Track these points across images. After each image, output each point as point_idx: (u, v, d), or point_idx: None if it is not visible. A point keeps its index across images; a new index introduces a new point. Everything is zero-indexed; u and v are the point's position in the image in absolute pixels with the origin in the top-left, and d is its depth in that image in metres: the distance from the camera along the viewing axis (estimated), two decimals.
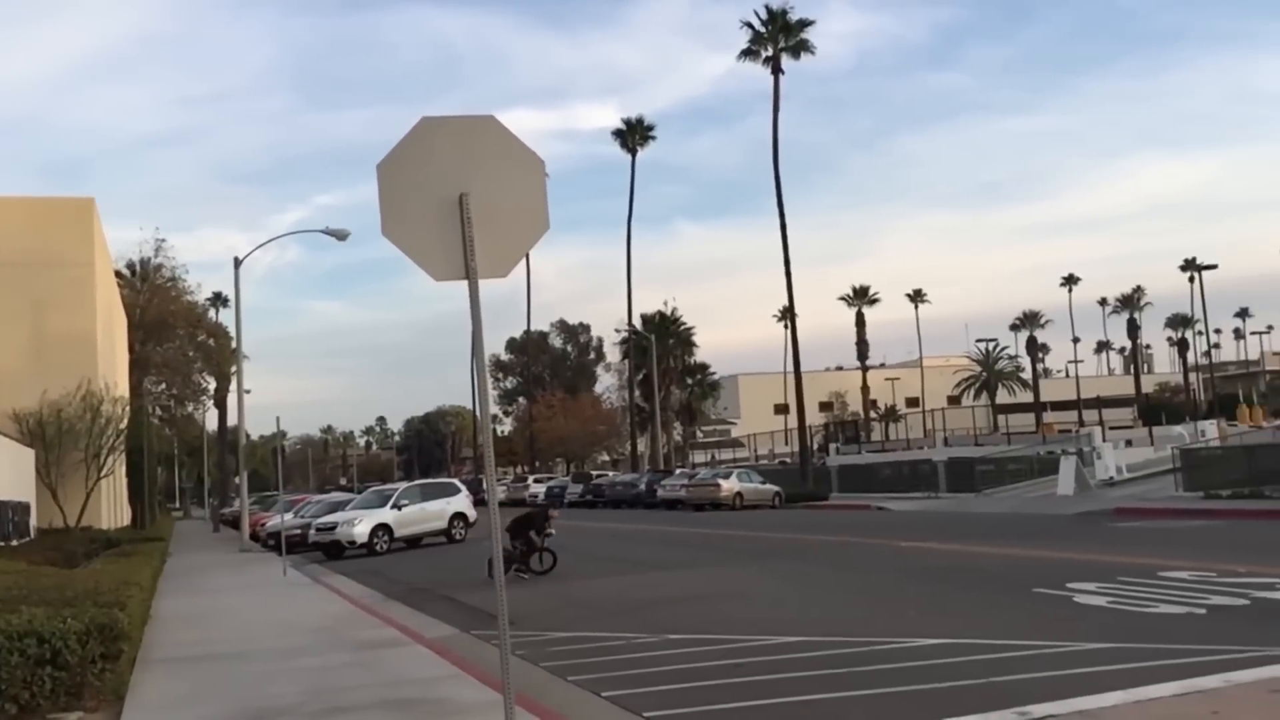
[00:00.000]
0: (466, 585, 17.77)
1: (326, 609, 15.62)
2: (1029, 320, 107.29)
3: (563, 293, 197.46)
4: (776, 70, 53.40)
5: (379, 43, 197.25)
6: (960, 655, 9.18)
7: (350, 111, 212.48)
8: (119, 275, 51.97)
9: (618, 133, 72.10)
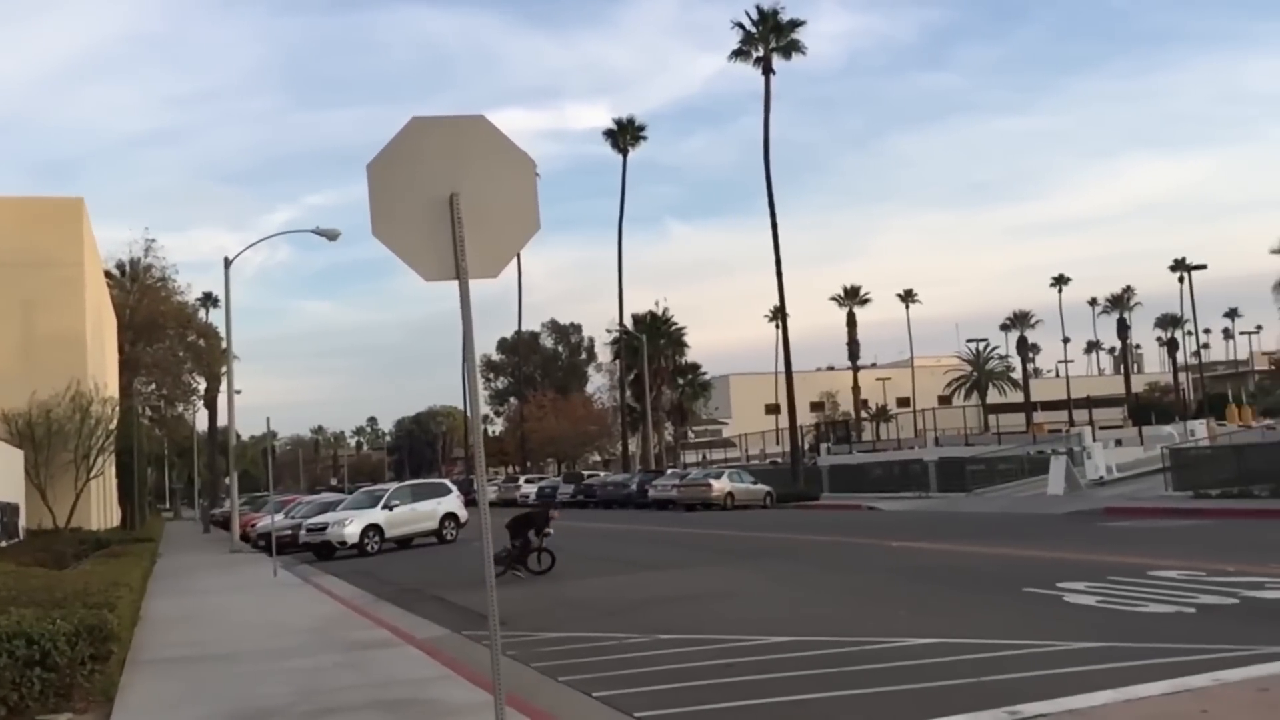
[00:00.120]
0: (457, 586, 17.73)
1: (317, 610, 15.59)
2: (1019, 320, 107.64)
3: (554, 293, 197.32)
4: (767, 70, 53.56)
5: (369, 42, 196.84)
6: (951, 655, 9.20)
7: (341, 111, 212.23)
8: (109, 275, 51.84)
9: (609, 133, 72.29)
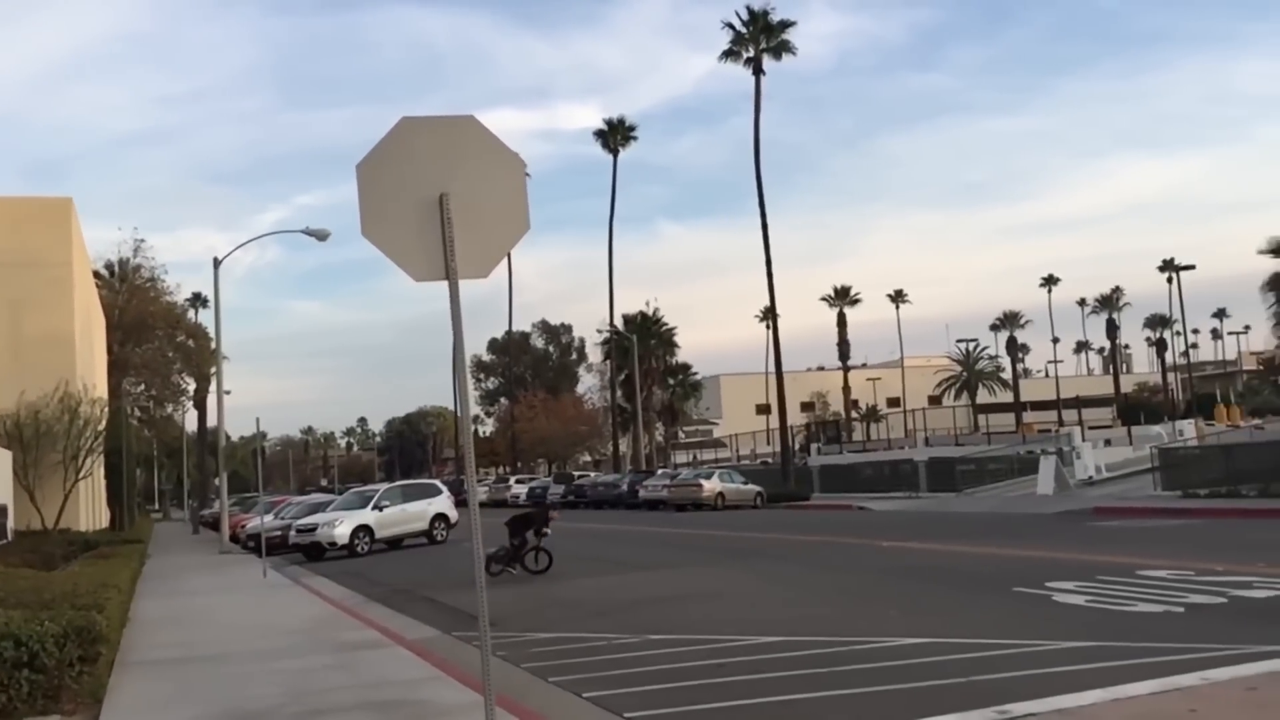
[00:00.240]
0: (448, 586, 17.70)
1: (307, 611, 15.55)
2: (1009, 320, 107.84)
3: (544, 293, 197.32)
4: (758, 71, 53.58)
5: (360, 42, 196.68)
6: (940, 654, 9.22)
7: (331, 111, 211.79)
8: (97, 276, 51.60)
9: (599, 133, 72.26)
